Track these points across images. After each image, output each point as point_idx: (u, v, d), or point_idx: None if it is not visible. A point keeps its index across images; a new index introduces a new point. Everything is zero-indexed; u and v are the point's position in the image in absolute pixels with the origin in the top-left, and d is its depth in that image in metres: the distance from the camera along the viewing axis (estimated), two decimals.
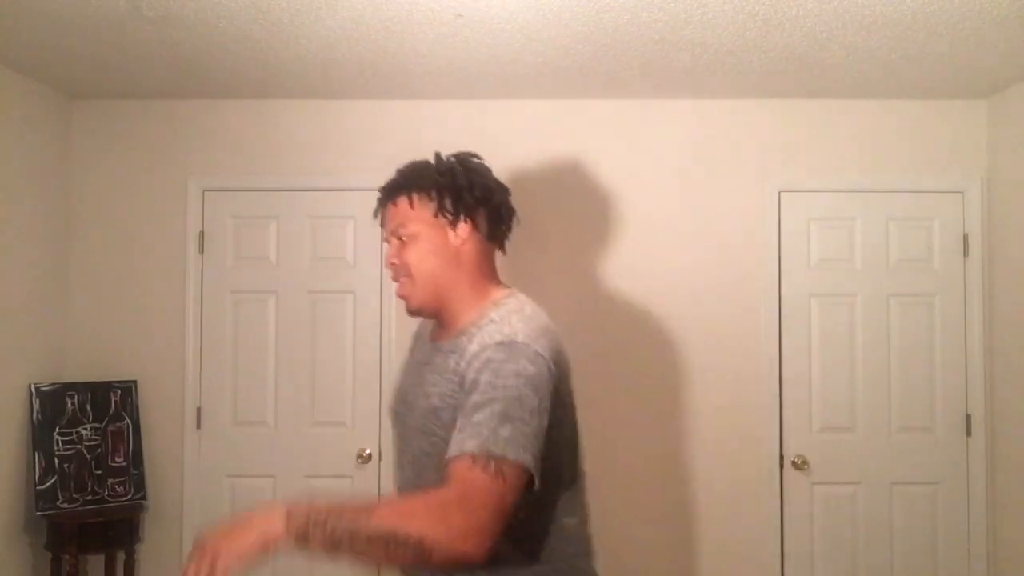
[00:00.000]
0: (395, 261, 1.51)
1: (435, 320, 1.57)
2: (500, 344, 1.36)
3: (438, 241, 1.49)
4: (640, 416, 3.34)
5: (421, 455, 1.46)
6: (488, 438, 1.26)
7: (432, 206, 1.48)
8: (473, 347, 1.38)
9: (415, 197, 1.49)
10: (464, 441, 1.27)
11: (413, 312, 1.53)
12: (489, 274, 1.56)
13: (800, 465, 3.30)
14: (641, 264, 3.38)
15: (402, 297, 1.52)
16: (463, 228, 1.50)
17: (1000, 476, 3.25)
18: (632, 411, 3.34)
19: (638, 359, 3.35)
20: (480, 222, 1.52)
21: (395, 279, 1.53)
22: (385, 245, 1.56)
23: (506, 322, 1.40)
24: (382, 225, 1.57)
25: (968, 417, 3.32)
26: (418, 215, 1.49)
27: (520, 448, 1.27)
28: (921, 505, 3.32)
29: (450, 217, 1.48)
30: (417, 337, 1.70)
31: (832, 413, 3.34)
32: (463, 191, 1.50)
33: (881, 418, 3.33)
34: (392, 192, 1.53)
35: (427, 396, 1.45)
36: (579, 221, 3.39)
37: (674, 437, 3.35)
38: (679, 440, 3.35)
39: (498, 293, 1.53)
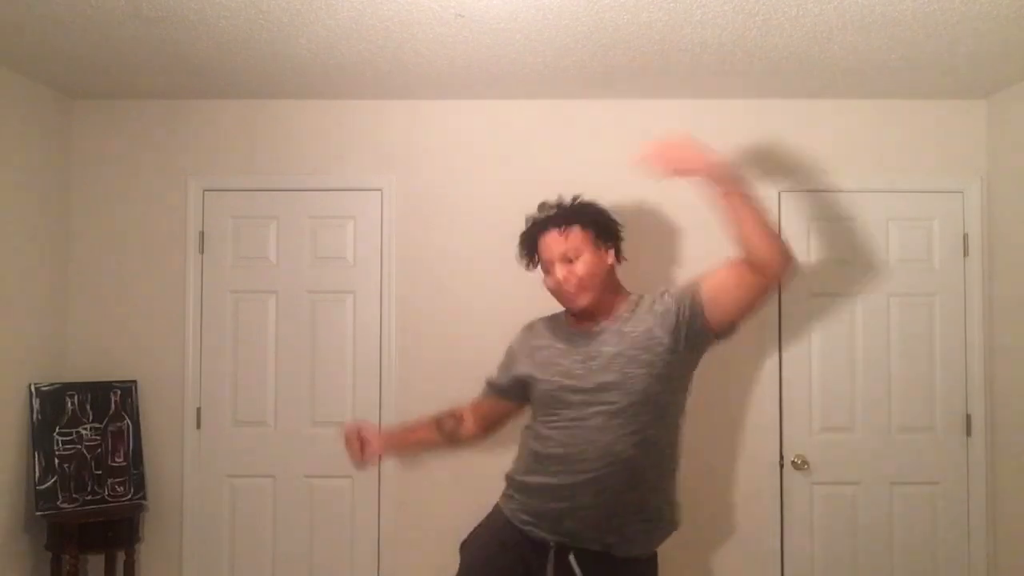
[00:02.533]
0: (569, 276, 2.15)
1: (578, 315, 2.22)
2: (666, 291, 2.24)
3: (597, 260, 2.19)
4: None
5: (632, 402, 2.10)
6: None
7: (590, 236, 2.19)
8: (650, 305, 2.20)
9: (580, 227, 2.19)
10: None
11: (590, 308, 2.17)
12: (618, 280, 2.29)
13: (800, 465, 3.30)
14: (641, 264, 3.37)
15: (583, 298, 2.16)
16: (611, 253, 2.24)
17: (1000, 476, 3.25)
18: None
19: None
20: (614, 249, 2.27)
21: (570, 288, 2.15)
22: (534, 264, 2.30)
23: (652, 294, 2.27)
24: (536, 252, 2.26)
25: (968, 417, 3.32)
26: (580, 242, 2.17)
27: None
28: (921, 505, 3.32)
29: (607, 247, 2.23)
30: (537, 336, 2.34)
31: (832, 413, 3.34)
32: (610, 226, 2.27)
33: (881, 418, 3.33)
34: (552, 226, 2.19)
35: (625, 356, 2.12)
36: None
37: None
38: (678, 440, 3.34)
39: (625, 292, 2.30)
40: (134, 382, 3.36)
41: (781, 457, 3.32)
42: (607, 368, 2.11)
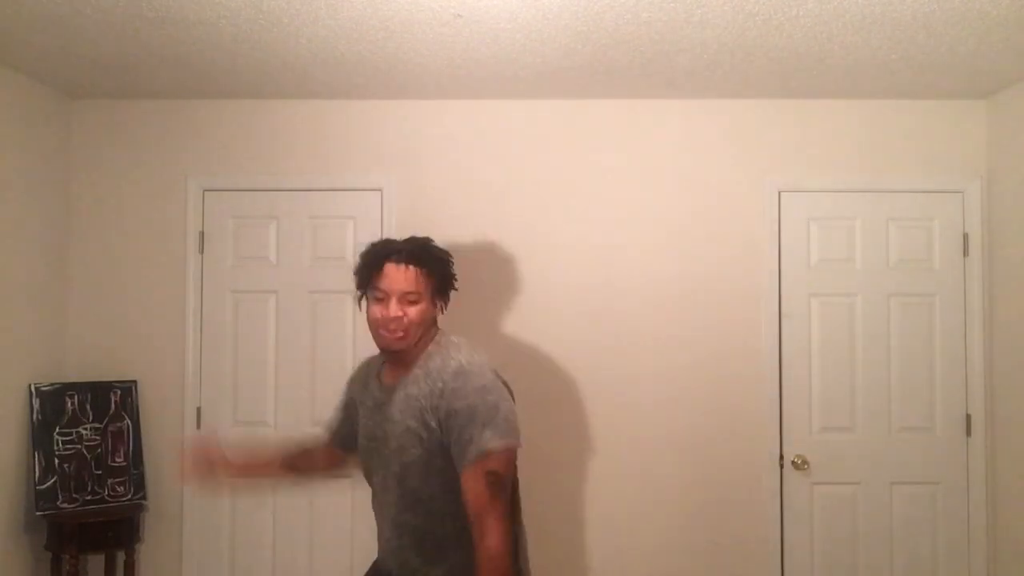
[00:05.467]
0: (402, 316, 1.91)
1: (391, 361, 2.00)
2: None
3: (429, 309, 1.97)
4: (640, 416, 3.34)
5: (409, 473, 1.88)
6: None
7: (433, 285, 1.96)
8: (435, 371, 1.91)
9: (425, 272, 1.95)
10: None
11: (400, 354, 1.95)
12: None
13: (800, 465, 3.30)
14: (641, 264, 3.38)
15: (400, 342, 1.93)
16: (439, 307, 2.01)
17: (1000, 476, 3.25)
18: (632, 411, 3.34)
19: (637, 359, 3.35)
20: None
21: (396, 329, 1.91)
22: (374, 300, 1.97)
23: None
24: (376, 279, 1.96)
25: (968, 417, 3.32)
26: (424, 288, 1.94)
27: None
28: (921, 505, 3.32)
29: (441, 300, 2.01)
30: (362, 381, 2.12)
31: (832, 413, 3.34)
32: (451, 280, 2.02)
33: (881, 418, 3.33)
34: (407, 259, 1.94)
35: (403, 425, 1.89)
36: (578, 222, 3.39)
37: (674, 437, 3.34)
38: (679, 440, 3.34)
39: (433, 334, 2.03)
40: (134, 382, 3.36)
41: (781, 457, 3.32)
42: (391, 435, 1.91)
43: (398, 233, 3.36)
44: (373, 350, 3.51)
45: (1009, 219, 3.22)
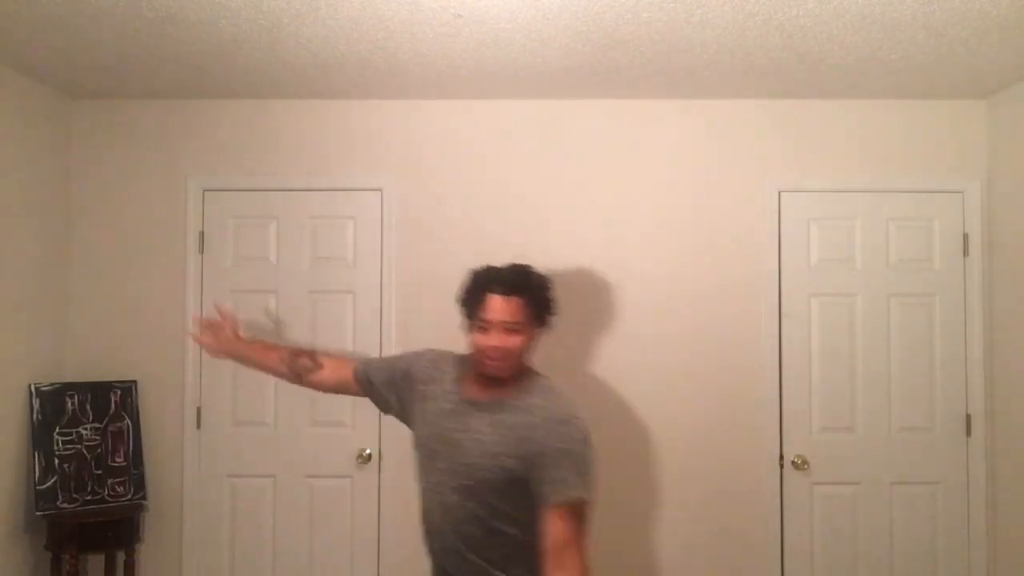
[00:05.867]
0: (503, 346, 1.99)
1: (483, 381, 2.06)
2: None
3: (530, 337, 2.05)
4: (640, 416, 3.34)
5: (480, 490, 1.96)
6: None
7: (533, 313, 2.04)
8: (540, 412, 1.99)
9: (526, 302, 2.02)
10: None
11: (497, 378, 2.03)
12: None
13: (800, 465, 3.30)
14: (640, 263, 3.38)
15: (500, 369, 2.02)
16: (537, 333, 2.08)
17: (1000, 476, 3.25)
18: (632, 411, 3.35)
19: (637, 358, 3.35)
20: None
21: (498, 358, 2.00)
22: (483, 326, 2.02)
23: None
24: (479, 309, 2.02)
25: (968, 417, 3.32)
26: (524, 317, 2.02)
27: None
28: (921, 505, 3.32)
29: (541, 326, 2.09)
30: (441, 373, 2.14)
31: (832, 413, 3.34)
32: (551, 306, 2.10)
33: (881, 418, 3.33)
34: (509, 290, 2.01)
35: (483, 446, 1.96)
36: (576, 221, 3.39)
37: (674, 437, 3.34)
38: (679, 440, 3.34)
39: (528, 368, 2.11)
40: (134, 382, 3.36)
41: (781, 457, 3.32)
42: (471, 451, 1.99)
43: (398, 233, 3.39)
44: (372, 349, 3.51)
45: (1009, 219, 3.22)
